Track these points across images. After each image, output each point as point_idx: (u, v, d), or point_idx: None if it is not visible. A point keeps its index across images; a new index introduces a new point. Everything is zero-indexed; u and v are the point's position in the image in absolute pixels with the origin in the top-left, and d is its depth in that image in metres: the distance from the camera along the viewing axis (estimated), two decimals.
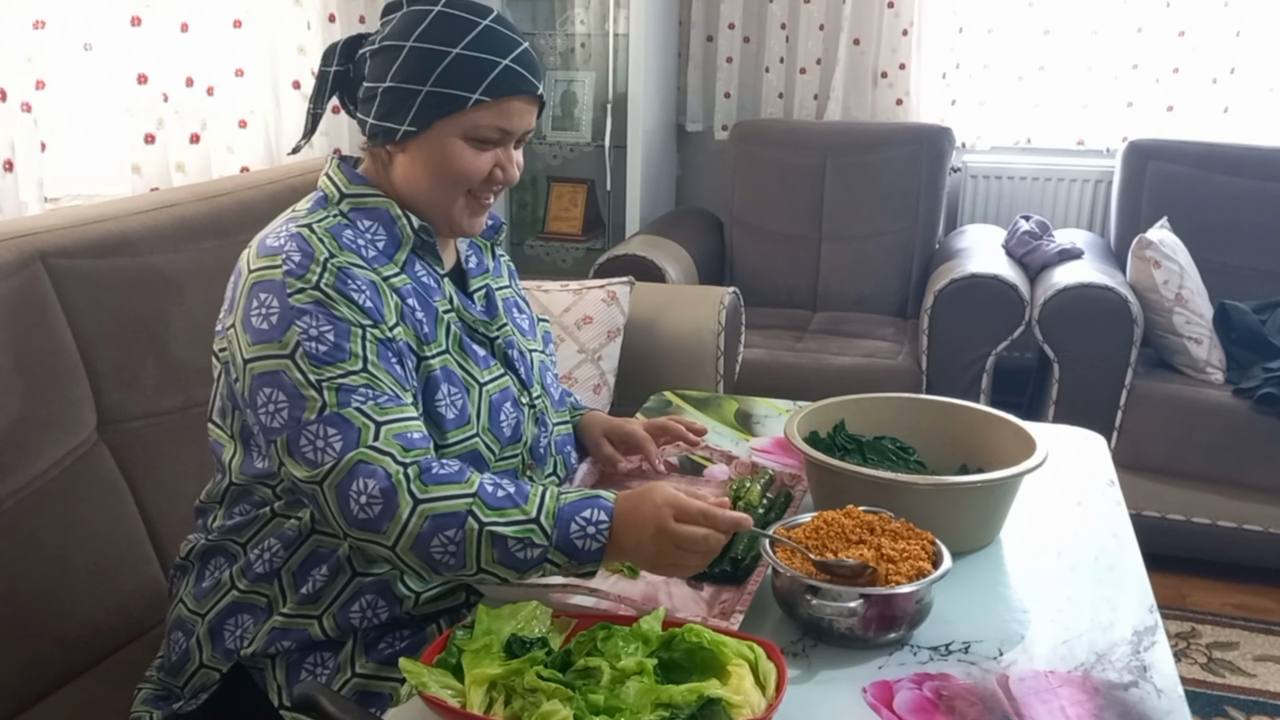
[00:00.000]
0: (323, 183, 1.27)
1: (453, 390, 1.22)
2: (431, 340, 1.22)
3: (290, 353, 1.11)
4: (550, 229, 3.76)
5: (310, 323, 1.12)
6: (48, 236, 1.50)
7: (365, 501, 1.07)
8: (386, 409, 1.11)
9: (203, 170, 2.30)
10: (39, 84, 1.91)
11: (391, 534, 1.07)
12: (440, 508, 1.07)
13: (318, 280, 1.14)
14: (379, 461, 1.08)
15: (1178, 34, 3.33)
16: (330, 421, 1.09)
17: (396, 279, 1.22)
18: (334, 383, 1.10)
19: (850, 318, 3.27)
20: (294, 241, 1.16)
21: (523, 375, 1.32)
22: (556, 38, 3.71)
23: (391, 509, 1.06)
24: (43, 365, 1.44)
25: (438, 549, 1.07)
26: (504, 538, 1.06)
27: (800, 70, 3.67)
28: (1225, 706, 2.20)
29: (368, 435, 1.09)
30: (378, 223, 1.24)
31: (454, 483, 1.09)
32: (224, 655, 1.22)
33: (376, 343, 1.14)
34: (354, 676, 1.20)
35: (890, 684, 1.01)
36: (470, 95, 1.17)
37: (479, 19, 1.19)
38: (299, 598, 1.21)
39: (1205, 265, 2.79)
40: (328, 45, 1.27)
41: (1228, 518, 2.64)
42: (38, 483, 1.42)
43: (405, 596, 1.21)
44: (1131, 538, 1.31)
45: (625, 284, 2.32)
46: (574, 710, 0.86)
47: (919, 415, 1.44)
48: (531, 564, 1.08)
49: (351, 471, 1.07)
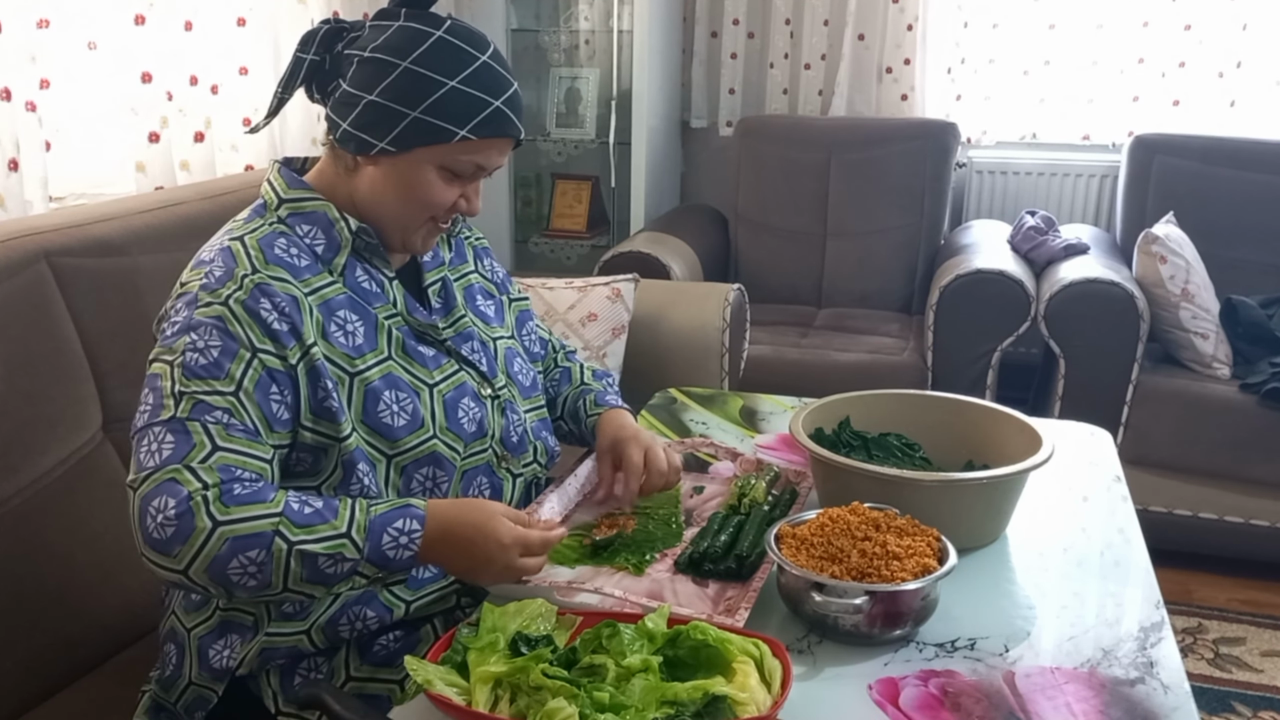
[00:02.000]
0: (263, 189, 1.25)
1: (400, 396, 1.20)
2: (369, 350, 1.20)
3: (173, 360, 1.10)
4: (555, 226, 3.76)
5: (201, 335, 1.10)
6: (52, 236, 1.50)
7: (161, 521, 1.02)
8: (233, 437, 1.08)
9: (207, 169, 2.30)
10: (43, 83, 1.91)
11: (184, 557, 1.02)
12: (242, 529, 1.03)
13: (228, 296, 1.12)
14: (188, 484, 1.03)
15: (1183, 28, 3.32)
16: (172, 428, 1.06)
17: (329, 289, 1.20)
18: (194, 397, 1.08)
19: (855, 314, 3.26)
20: (220, 256, 1.16)
21: (483, 368, 1.30)
22: (560, 34, 3.71)
23: (186, 531, 1.02)
24: (47, 364, 1.45)
25: (236, 570, 1.03)
26: (314, 555, 1.04)
27: (805, 66, 3.66)
28: (1232, 702, 2.19)
29: (197, 454, 1.05)
30: (316, 226, 1.22)
31: (257, 502, 1.05)
32: (213, 675, 1.20)
33: (263, 370, 1.11)
34: (349, 680, 1.19)
35: (896, 681, 1.01)
36: (458, 131, 1.16)
37: (478, 54, 1.18)
38: (281, 615, 1.19)
39: (1211, 260, 2.78)
40: (305, 31, 1.24)
41: (1235, 513, 2.63)
42: (43, 481, 1.42)
43: (395, 605, 1.20)
44: (1138, 533, 1.31)
45: (630, 281, 2.32)
46: (579, 708, 0.86)
47: (924, 411, 1.44)
48: (340, 578, 1.07)
49: (160, 486, 1.03)
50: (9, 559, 1.36)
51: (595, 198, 3.75)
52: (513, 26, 3.65)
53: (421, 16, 1.18)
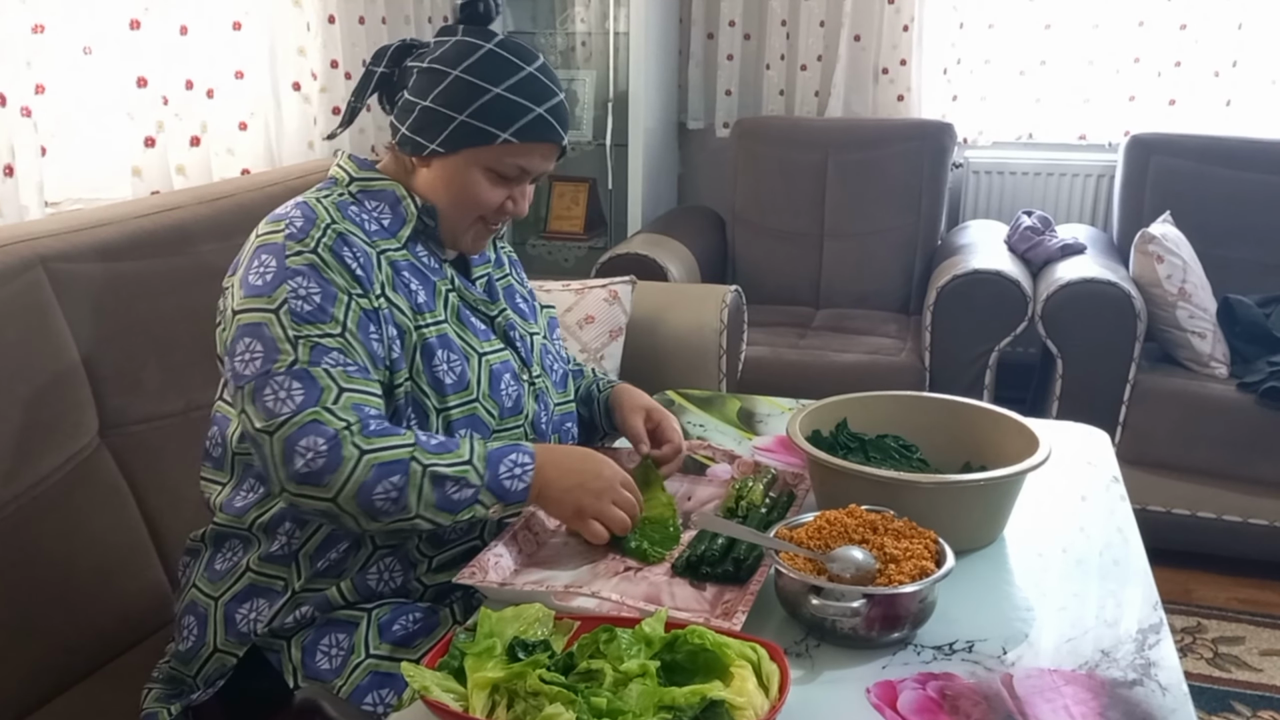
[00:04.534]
0: (334, 170, 1.35)
1: (451, 356, 1.28)
2: (428, 310, 1.28)
3: (276, 308, 1.17)
4: (552, 228, 3.76)
5: (300, 283, 1.18)
6: (48, 241, 1.50)
7: (311, 457, 1.11)
8: (353, 378, 1.17)
9: (203, 173, 2.30)
10: (38, 88, 1.91)
11: (334, 485, 1.12)
12: (385, 456, 1.13)
13: (316, 244, 1.21)
14: (332, 424, 1.13)
15: (1179, 27, 3.32)
16: (297, 375, 1.14)
17: (396, 253, 1.28)
18: (310, 341, 1.16)
19: (853, 315, 3.26)
20: (299, 209, 1.25)
21: (523, 354, 1.37)
22: (557, 36, 3.71)
23: (336, 462, 1.11)
24: (44, 370, 1.44)
25: (380, 495, 1.13)
26: (444, 477, 1.15)
27: (801, 67, 3.66)
28: (1231, 701, 2.19)
29: (329, 396, 1.14)
30: (383, 203, 1.31)
31: (393, 435, 1.16)
32: (238, 639, 1.24)
33: (360, 312, 1.20)
34: (368, 658, 1.21)
35: (894, 684, 1.01)
36: (500, 134, 1.26)
37: (524, 65, 1.27)
38: (314, 572, 1.24)
39: (1208, 259, 2.78)
40: (379, 46, 1.35)
41: (1233, 512, 2.63)
42: (40, 487, 1.42)
43: (419, 561, 1.27)
44: (1136, 534, 1.31)
45: (627, 283, 2.32)
46: (577, 713, 0.86)
47: (922, 413, 1.44)
48: (463, 505, 1.17)
49: (304, 428, 1.12)
50: (5, 565, 1.36)
51: (592, 199, 3.75)
52: (509, 28, 3.65)
53: (477, 32, 1.29)
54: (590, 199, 3.74)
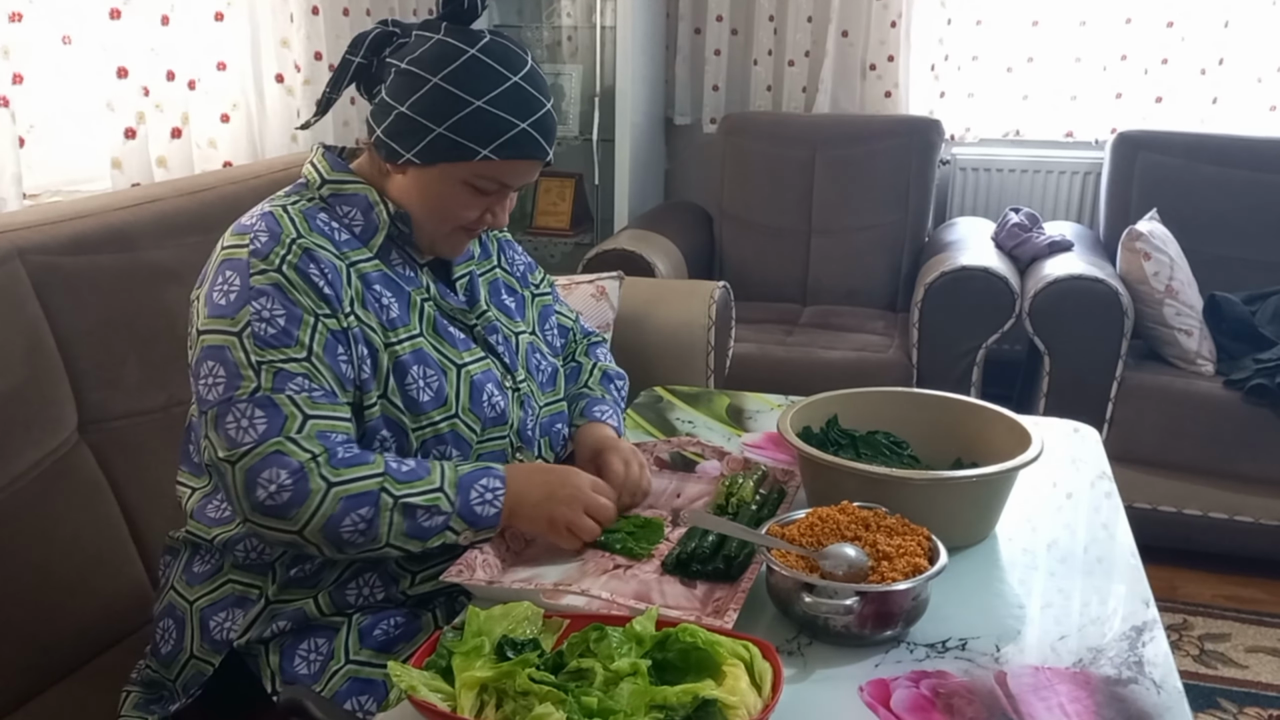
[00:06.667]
0: (306, 170, 1.29)
1: (427, 372, 1.23)
2: (401, 325, 1.23)
3: (239, 330, 1.13)
4: (538, 224, 3.74)
5: (264, 304, 1.14)
6: (26, 233, 1.48)
7: (275, 490, 1.09)
8: (319, 404, 1.14)
9: (184, 165, 2.27)
10: (16, 78, 1.88)
11: (300, 518, 1.10)
12: (353, 489, 1.11)
13: (280, 262, 1.16)
14: (296, 455, 1.10)
15: (1166, 25, 3.33)
16: (260, 403, 1.11)
17: (367, 264, 1.23)
18: (273, 366, 1.12)
19: (840, 311, 3.25)
20: (264, 221, 1.19)
21: (506, 360, 1.32)
22: (543, 30, 3.69)
23: (303, 495, 1.09)
24: (21, 365, 1.42)
25: (348, 528, 1.11)
26: (414, 507, 1.13)
27: (789, 63, 3.65)
28: (1218, 698, 2.20)
29: (293, 425, 1.11)
30: (355, 208, 1.25)
31: (362, 464, 1.13)
32: (213, 647, 1.21)
33: (328, 334, 1.16)
34: (348, 663, 1.19)
35: (887, 682, 1.00)
36: (479, 150, 1.19)
37: (509, 74, 1.19)
38: (288, 579, 1.21)
39: (1195, 256, 2.78)
40: (357, 33, 1.27)
41: (1219, 509, 2.64)
42: (17, 484, 1.39)
43: (401, 576, 1.23)
44: (1126, 530, 1.30)
45: (614, 279, 2.31)
46: (567, 713, 0.84)
47: (913, 409, 1.43)
48: (434, 532, 1.15)
49: (266, 459, 1.09)
50: None
51: (579, 195, 3.73)
52: (495, 23, 3.63)
53: (461, 33, 1.20)
54: (577, 194, 3.72)
